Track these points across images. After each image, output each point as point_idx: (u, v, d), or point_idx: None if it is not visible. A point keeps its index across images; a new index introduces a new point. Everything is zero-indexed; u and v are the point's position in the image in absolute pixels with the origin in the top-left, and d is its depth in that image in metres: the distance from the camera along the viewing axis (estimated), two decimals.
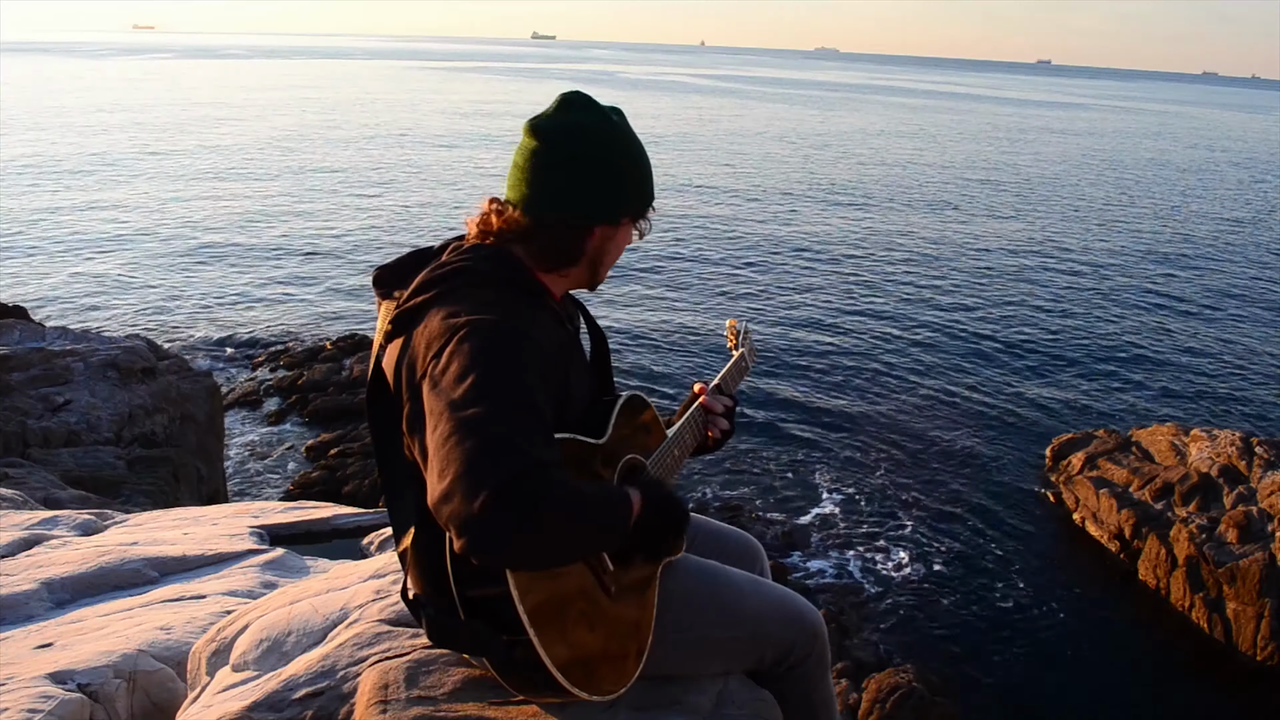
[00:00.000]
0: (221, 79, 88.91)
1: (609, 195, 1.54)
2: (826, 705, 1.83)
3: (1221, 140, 64.41)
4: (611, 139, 1.53)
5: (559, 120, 1.52)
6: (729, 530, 2.03)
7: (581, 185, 1.51)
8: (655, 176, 1.62)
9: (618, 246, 1.61)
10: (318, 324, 16.39)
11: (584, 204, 1.52)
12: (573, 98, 1.54)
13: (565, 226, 1.52)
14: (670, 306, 17.87)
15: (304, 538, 3.91)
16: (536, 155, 1.51)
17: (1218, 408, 14.15)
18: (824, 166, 38.37)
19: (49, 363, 9.07)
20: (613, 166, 1.52)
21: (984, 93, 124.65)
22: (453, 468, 1.23)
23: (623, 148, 1.54)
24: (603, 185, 1.52)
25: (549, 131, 1.51)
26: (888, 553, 10.06)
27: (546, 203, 1.51)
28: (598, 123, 1.52)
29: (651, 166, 1.61)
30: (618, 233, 1.59)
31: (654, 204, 1.63)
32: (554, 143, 1.50)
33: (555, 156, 1.50)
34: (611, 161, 1.52)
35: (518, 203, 1.53)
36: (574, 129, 1.51)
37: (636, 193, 1.57)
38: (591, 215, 1.53)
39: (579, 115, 1.52)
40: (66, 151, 34.26)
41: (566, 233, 1.52)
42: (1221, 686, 8.41)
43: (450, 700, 1.63)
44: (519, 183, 1.53)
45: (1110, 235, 26.28)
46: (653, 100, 75.14)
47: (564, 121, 1.51)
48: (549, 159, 1.51)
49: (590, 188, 1.52)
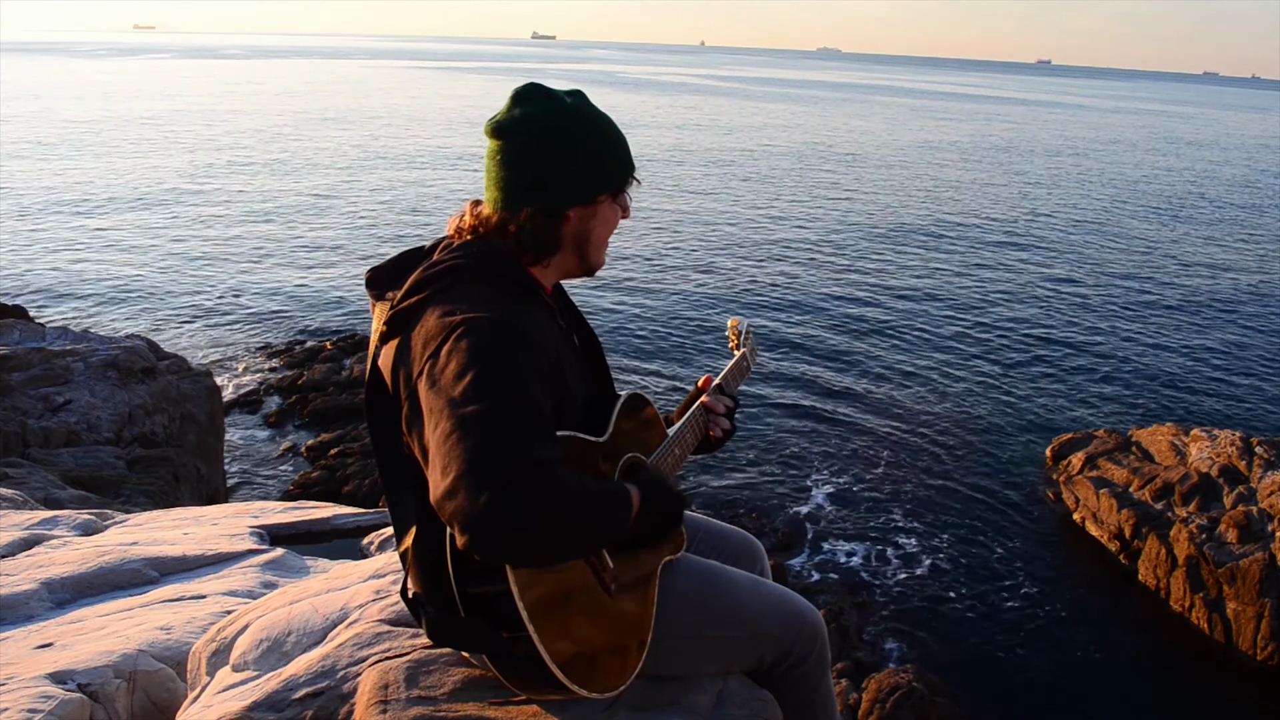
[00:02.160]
0: (222, 79, 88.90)
1: (575, 177, 1.53)
2: (826, 705, 1.83)
3: (1222, 140, 64.40)
4: (568, 122, 1.53)
5: (513, 115, 1.53)
6: (729, 530, 2.03)
7: (545, 173, 1.52)
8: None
9: (602, 225, 1.60)
10: (318, 324, 16.39)
11: (551, 191, 1.52)
12: (525, 90, 1.55)
13: (538, 216, 1.52)
14: (671, 306, 17.86)
15: (304, 538, 3.91)
16: (499, 154, 1.53)
17: (1218, 408, 14.15)
18: (824, 166, 38.37)
19: (49, 363, 9.07)
20: (574, 149, 1.52)
21: (984, 93, 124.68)
22: (455, 465, 1.23)
23: (582, 128, 1.54)
24: (566, 169, 1.52)
25: (506, 129, 1.52)
26: (888, 553, 10.06)
27: (516, 198, 1.52)
28: (552, 109, 1.53)
29: (622, 139, 1.60)
30: (596, 212, 1.58)
31: (634, 175, 1.61)
32: (512, 138, 1.52)
33: (516, 151, 1.52)
34: (571, 144, 1.52)
35: (491, 204, 1.55)
36: (529, 120, 1.52)
37: (605, 169, 1.57)
38: (561, 200, 1.53)
39: (532, 107, 1.53)
40: (67, 152, 34.27)
41: (541, 222, 1.53)
42: (1221, 686, 8.41)
43: (450, 700, 1.63)
44: (489, 185, 1.56)
45: (1110, 235, 26.28)
46: (653, 100, 75.12)
47: (519, 116, 1.52)
48: (510, 155, 1.52)
49: (554, 174, 1.52)
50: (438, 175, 32.36)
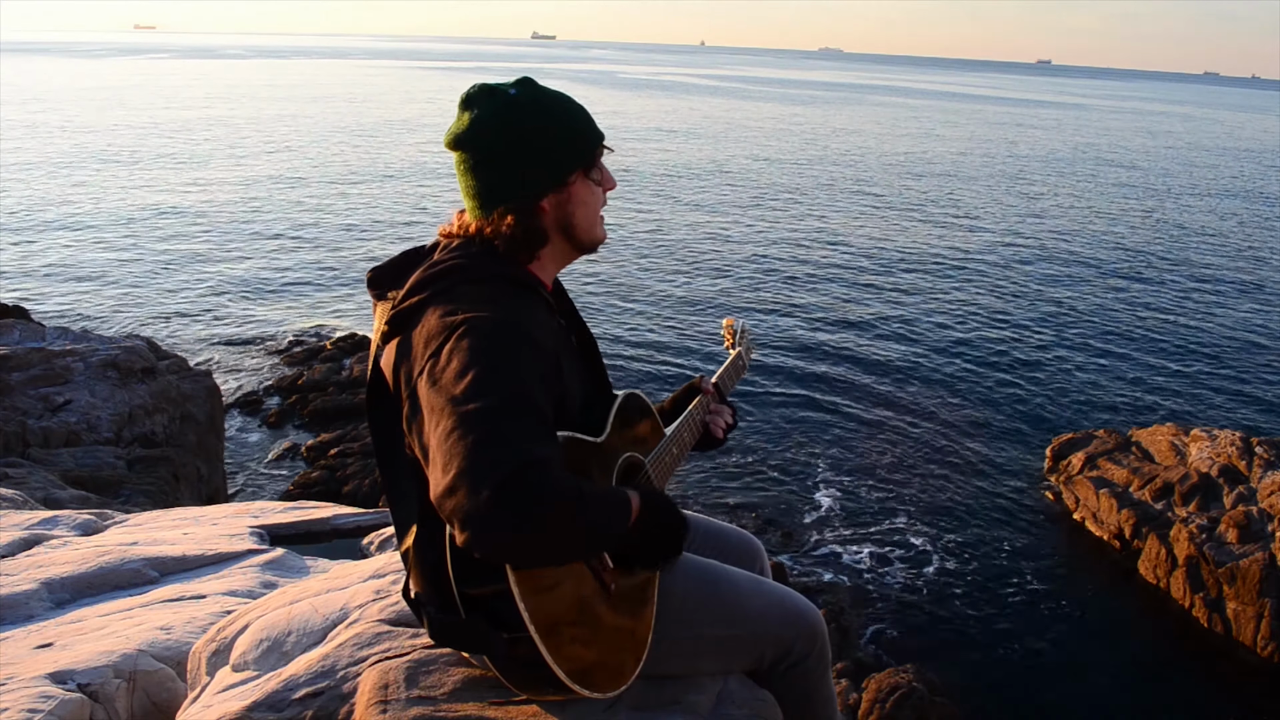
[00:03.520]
0: (222, 78, 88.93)
1: (536, 166, 1.53)
2: (826, 705, 1.83)
3: (1222, 140, 64.41)
4: (516, 115, 1.52)
5: (464, 124, 1.53)
6: (729, 529, 2.03)
7: (508, 169, 1.52)
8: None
9: (583, 203, 1.59)
10: (318, 324, 16.39)
11: (519, 185, 1.52)
12: (470, 95, 1.55)
13: (514, 214, 1.53)
14: (667, 305, 17.87)
15: (304, 538, 3.91)
16: (462, 164, 1.54)
17: (1218, 408, 14.15)
18: (823, 166, 38.37)
19: (49, 363, 9.08)
20: (527, 140, 1.52)
21: (984, 92, 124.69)
22: (455, 463, 1.23)
23: (531, 114, 1.53)
24: (526, 160, 1.52)
25: (461, 139, 1.53)
26: (888, 552, 10.06)
27: (489, 202, 1.53)
28: (499, 106, 1.52)
29: (579, 114, 1.58)
30: (571, 194, 1.57)
31: (603, 144, 1.60)
32: (469, 146, 1.53)
33: (475, 157, 1.53)
34: (524, 137, 1.51)
35: (470, 212, 1.57)
36: (479, 125, 1.52)
37: (565, 150, 1.55)
38: (529, 193, 1.53)
39: (479, 109, 1.53)
40: (67, 152, 34.27)
41: (519, 219, 1.53)
42: (1222, 686, 8.41)
43: (450, 700, 1.63)
44: (464, 196, 1.57)
45: (1110, 235, 26.27)
46: (653, 100, 75.14)
47: (468, 122, 1.53)
48: (472, 164, 1.53)
49: (516, 167, 1.52)
50: (437, 174, 32.35)
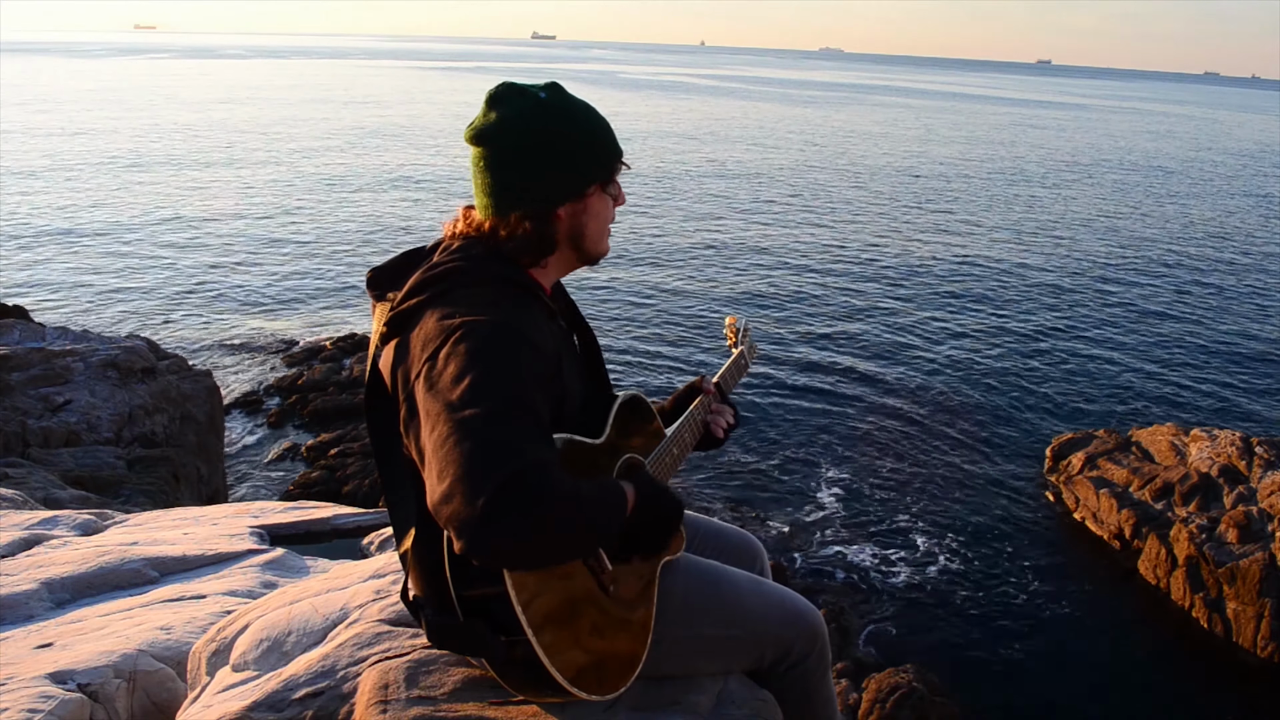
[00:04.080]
0: (222, 79, 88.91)
1: (560, 174, 1.52)
2: (827, 705, 1.83)
3: (1222, 140, 64.39)
4: (546, 119, 1.51)
5: (490, 120, 1.51)
6: (729, 529, 2.03)
7: (529, 175, 1.50)
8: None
9: (595, 217, 1.58)
10: (318, 324, 16.39)
11: (538, 191, 1.51)
12: (499, 92, 1.53)
13: (530, 219, 1.51)
14: (669, 304, 17.86)
15: (304, 538, 3.91)
16: (481, 161, 1.52)
17: (1218, 408, 14.15)
18: (823, 165, 38.37)
19: (49, 363, 9.08)
20: (555, 146, 1.51)
21: (984, 93, 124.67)
22: (452, 469, 1.23)
23: (559, 122, 1.52)
24: (550, 166, 1.51)
25: (484, 135, 1.51)
26: (888, 553, 10.06)
27: (505, 203, 1.51)
28: (528, 108, 1.51)
29: (605, 127, 1.57)
30: (587, 206, 1.57)
31: (622, 161, 1.60)
32: (492, 144, 1.51)
33: (497, 156, 1.51)
34: (552, 142, 1.50)
35: (482, 210, 1.54)
36: (506, 123, 1.50)
37: (590, 161, 1.55)
38: (550, 198, 1.52)
39: (507, 108, 1.51)
40: (67, 152, 34.26)
41: (533, 224, 1.52)
42: (1222, 686, 8.40)
43: (450, 700, 1.63)
44: (477, 192, 1.55)
45: (1110, 235, 26.27)
46: (653, 100, 75.13)
47: (495, 119, 1.50)
48: (492, 161, 1.51)
49: (539, 173, 1.51)
50: (437, 174, 32.35)
